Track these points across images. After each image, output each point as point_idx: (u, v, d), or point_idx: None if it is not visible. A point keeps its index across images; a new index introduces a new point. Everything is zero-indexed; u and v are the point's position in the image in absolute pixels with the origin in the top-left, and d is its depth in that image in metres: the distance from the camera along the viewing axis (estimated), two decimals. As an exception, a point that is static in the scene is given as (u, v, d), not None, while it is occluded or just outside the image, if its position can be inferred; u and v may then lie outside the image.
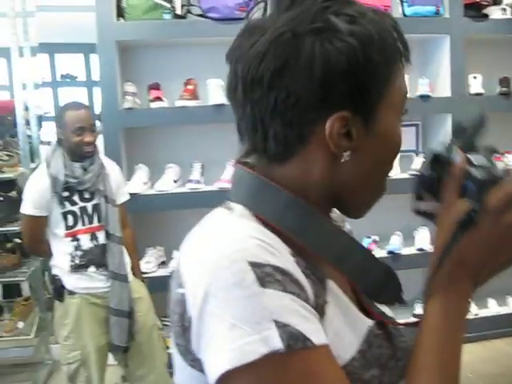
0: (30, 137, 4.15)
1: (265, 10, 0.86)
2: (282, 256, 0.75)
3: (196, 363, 0.76)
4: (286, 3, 0.81)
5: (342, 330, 0.80)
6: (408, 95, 3.41)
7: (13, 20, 3.97)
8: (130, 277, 3.00)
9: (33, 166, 4.06)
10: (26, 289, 4.63)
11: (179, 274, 0.78)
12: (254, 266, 0.71)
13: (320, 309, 0.77)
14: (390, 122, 0.83)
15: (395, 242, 4.05)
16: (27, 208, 2.90)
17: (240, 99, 0.82)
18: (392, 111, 0.83)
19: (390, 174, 0.89)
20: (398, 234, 4.11)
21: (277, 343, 0.68)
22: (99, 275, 2.91)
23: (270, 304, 0.69)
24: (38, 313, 4.13)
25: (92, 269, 2.89)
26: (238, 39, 0.83)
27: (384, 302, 0.90)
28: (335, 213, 1.02)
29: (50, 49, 6.75)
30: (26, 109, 4.11)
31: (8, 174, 3.79)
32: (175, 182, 3.79)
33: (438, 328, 0.82)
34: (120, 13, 3.69)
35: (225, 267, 0.71)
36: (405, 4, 3.93)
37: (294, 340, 0.68)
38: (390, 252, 3.99)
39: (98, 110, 3.84)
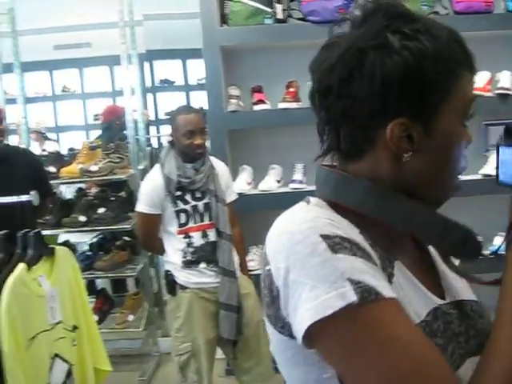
0: (137, 140, 4.36)
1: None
2: (349, 232, 0.86)
3: (284, 329, 0.88)
4: (359, 21, 0.92)
5: (408, 299, 0.89)
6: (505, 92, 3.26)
7: (122, 29, 4.19)
8: (238, 273, 3.11)
9: (141, 167, 4.27)
10: (131, 284, 4.86)
11: (265, 254, 0.91)
12: (325, 237, 0.83)
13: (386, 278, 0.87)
14: (451, 126, 0.92)
15: (498, 243, 3.98)
16: (142, 206, 3.05)
17: (317, 105, 0.95)
18: (454, 116, 0.91)
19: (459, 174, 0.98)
20: (501, 235, 4.03)
21: (351, 297, 0.79)
22: (209, 271, 3.03)
23: (342, 266, 0.81)
24: (147, 307, 4.32)
25: (203, 265, 3.02)
26: (318, 52, 0.96)
27: (465, 256, 0.98)
28: None
29: (150, 56, 7.03)
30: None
31: (119, 176, 4.01)
32: (278, 182, 3.89)
33: None
34: (223, 19, 3.82)
35: (299, 241, 0.84)
36: (508, -1, 3.85)
37: (367, 293, 0.80)
38: (493, 253, 3.94)
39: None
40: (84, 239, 4.70)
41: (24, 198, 1.75)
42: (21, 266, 1.64)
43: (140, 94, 4.55)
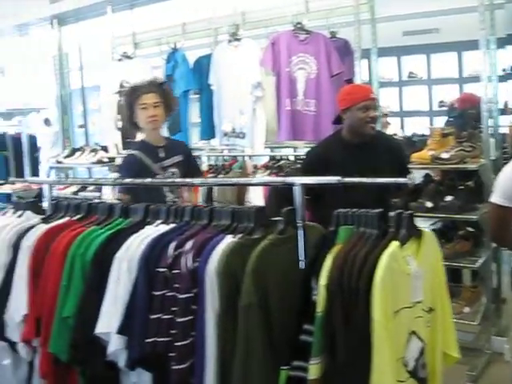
0: (492, 129, 4.21)
1: None
2: None
3: None
4: None
5: None
6: None
7: (482, 14, 4.07)
8: None
9: (492, 158, 4.12)
10: (466, 276, 4.76)
11: None
12: None
13: None
14: None
15: None
16: (495, 197, 2.94)
17: None
18: None
19: None
20: None
21: None
22: None
23: None
24: (484, 302, 4.20)
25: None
26: None
27: None
28: None
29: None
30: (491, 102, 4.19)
31: (469, 165, 3.93)
32: None
33: None
34: None
35: None
36: None
37: None
38: None
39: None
40: (424, 225, 4.73)
41: (402, 180, 1.83)
42: (395, 244, 1.73)
43: (496, 81, 4.38)
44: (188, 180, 3.00)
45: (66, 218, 2.45)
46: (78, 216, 2.44)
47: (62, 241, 2.25)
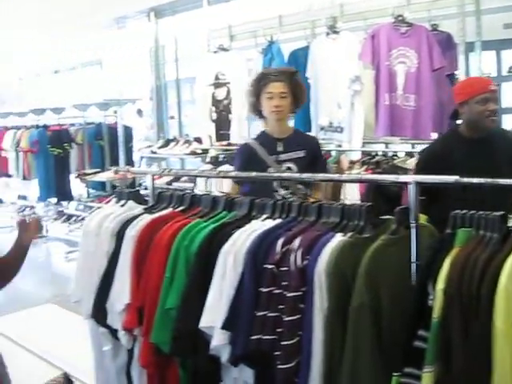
0: None
1: None
2: None
3: None
4: None
5: None
6: None
7: None
8: None
9: None
10: None
11: None
12: None
13: None
14: None
15: None
16: None
17: None
18: None
19: None
20: None
21: None
22: None
23: None
24: None
25: None
26: None
27: None
28: None
29: None
30: None
31: None
32: None
33: None
34: None
35: None
36: None
37: None
38: None
39: None
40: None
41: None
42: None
43: None
44: (296, 175, 2.92)
45: (169, 209, 2.47)
46: (181, 207, 2.45)
47: (166, 232, 2.25)
